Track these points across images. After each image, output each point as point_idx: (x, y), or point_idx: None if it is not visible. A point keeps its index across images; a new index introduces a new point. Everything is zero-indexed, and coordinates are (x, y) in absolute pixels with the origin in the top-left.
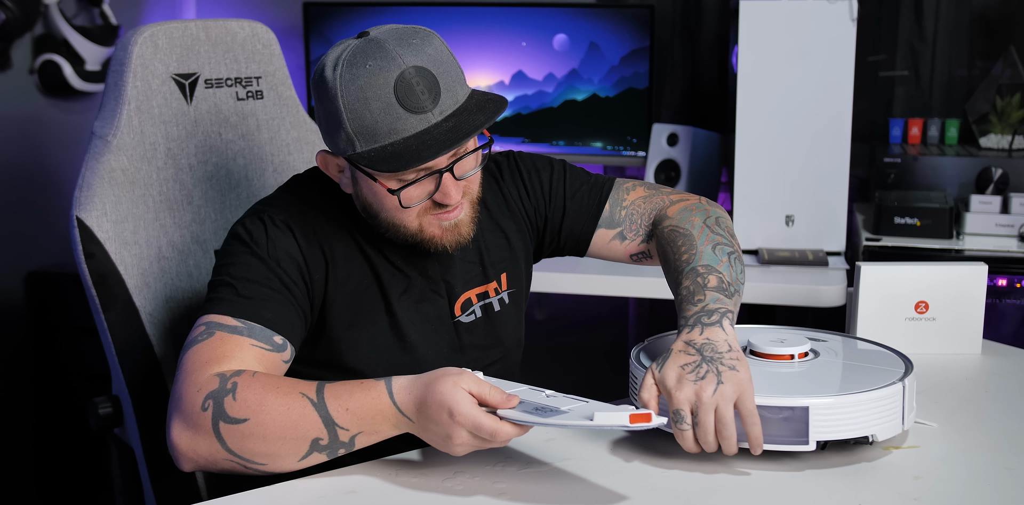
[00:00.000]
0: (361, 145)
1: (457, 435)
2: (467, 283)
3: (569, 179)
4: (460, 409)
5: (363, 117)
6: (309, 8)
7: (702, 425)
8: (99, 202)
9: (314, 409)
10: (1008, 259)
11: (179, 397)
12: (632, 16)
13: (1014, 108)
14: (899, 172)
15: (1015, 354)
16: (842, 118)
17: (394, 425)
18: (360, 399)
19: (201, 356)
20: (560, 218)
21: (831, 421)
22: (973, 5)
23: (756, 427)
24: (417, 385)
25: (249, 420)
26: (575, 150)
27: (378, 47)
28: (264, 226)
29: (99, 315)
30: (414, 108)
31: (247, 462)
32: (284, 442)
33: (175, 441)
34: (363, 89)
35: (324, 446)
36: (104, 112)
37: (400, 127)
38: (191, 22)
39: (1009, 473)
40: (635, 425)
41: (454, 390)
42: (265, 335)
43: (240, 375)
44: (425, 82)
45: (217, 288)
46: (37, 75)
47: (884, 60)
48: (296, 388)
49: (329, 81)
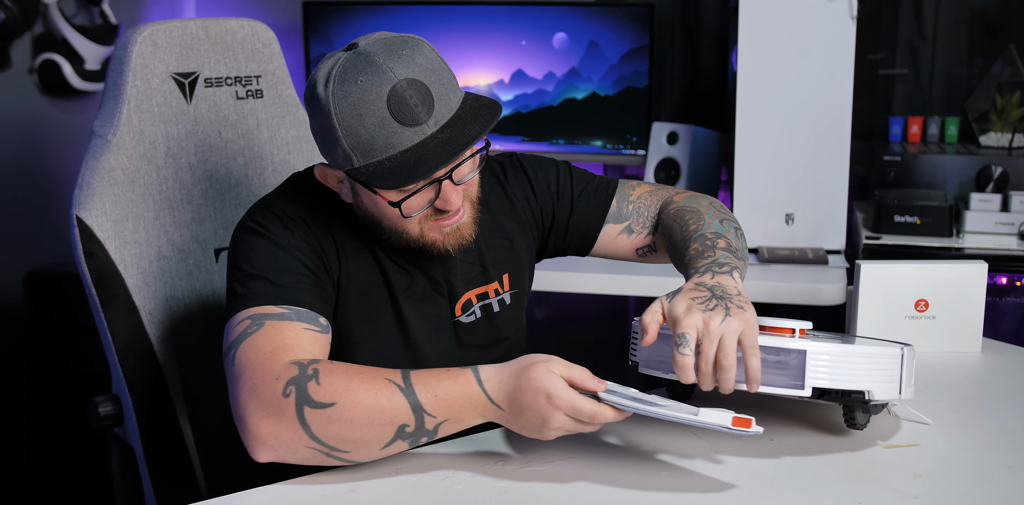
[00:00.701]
0: (358, 160)
1: (555, 419)
2: (467, 284)
3: (575, 178)
4: (558, 393)
5: (358, 133)
6: (309, 7)
7: (704, 354)
8: (99, 201)
9: (402, 395)
10: (1008, 257)
11: (254, 386)
12: (632, 15)
13: (1014, 106)
14: (899, 170)
15: (1015, 352)
16: (842, 116)
17: (480, 414)
18: (449, 386)
19: (262, 346)
20: (568, 215)
21: (828, 368)
22: (973, 3)
23: (756, 359)
24: (507, 374)
25: (336, 404)
26: (575, 149)
27: (368, 61)
28: (279, 219)
29: (99, 314)
30: (409, 121)
31: (331, 449)
32: (371, 427)
33: (255, 429)
34: (356, 105)
35: (409, 433)
36: (104, 111)
37: (396, 141)
38: (191, 21)
39: (1009, 471)
40: (735, 428)
41: (548, 375)
42: (312, 317)
43: (319, 362)
44: (418, 94)
45: (245, 282)
46: (37, 74)
47: (884, 58)
48: (380, 374)
49: (322, 98)
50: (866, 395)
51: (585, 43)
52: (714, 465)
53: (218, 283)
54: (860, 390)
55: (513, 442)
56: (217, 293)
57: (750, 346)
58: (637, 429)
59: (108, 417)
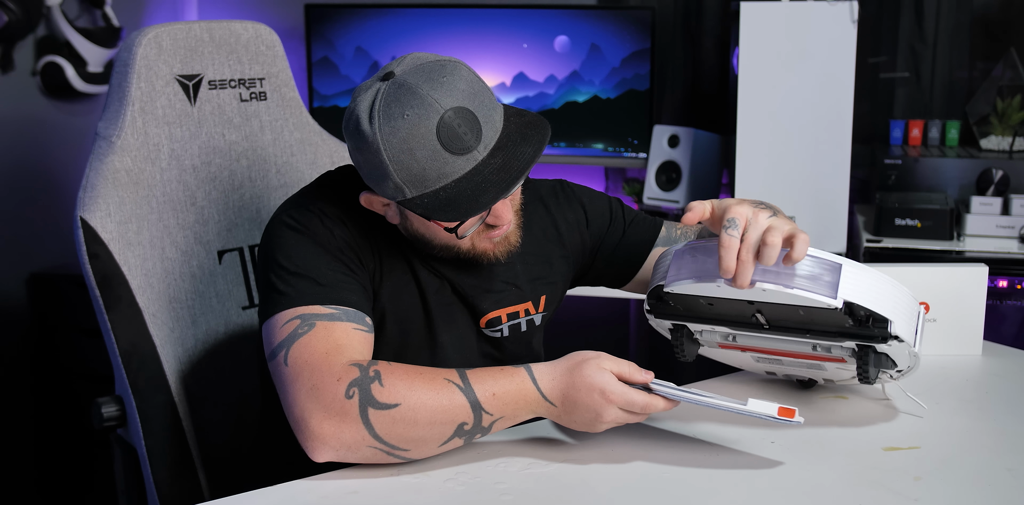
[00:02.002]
0: (411, 192)
1: (608, 413)
2: (498, 301)
3: (626, 208)
4: (612, 388)
5: (410, 167)
6: (311, 10)
7: (747, 240)
8: (103, 203)
9: (463, 394)
10: (1009, 260)
11: (314, 388)
12: (633, 18)
13: (1014, 110)
14: (900, 173)
15: (1016, 355)
16: (843, 120)
17: (532, 410)
18: (506, 385)
19: (317, 348)
20: (619, 239)
21: (860, 286)
22: (973, 7)
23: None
24: (559, 372)
25: (400, 405)
26: (576, 152)
27: (411, 93)
28: (318, 217)
29: (102, 315)
30: (460, 150)
31: (392, 448)
32: (433, 427)
33: (316, 430)
34: (406, 140)
35: (467, 431)
36: (108, 113)
37: (449, 171)
38: (195, 23)
39: (1010, 474)
40: (782, 417)
41: (600, 372)
42: (359, 317)
43: (378, 364)
44: (466, 122)
45: (288, 281)
46: (39, 77)
47: (885, 62)
48: (439, 374)
49: (368, 135)
50: (889, 326)
51: (586, 46)
52: (714, 469)
53: (221, 285)
54: (885, 317)
55: (514, 444)
56: (220, 295)
57: (799, 233)
58: (638, 429)
59: (111, 418)
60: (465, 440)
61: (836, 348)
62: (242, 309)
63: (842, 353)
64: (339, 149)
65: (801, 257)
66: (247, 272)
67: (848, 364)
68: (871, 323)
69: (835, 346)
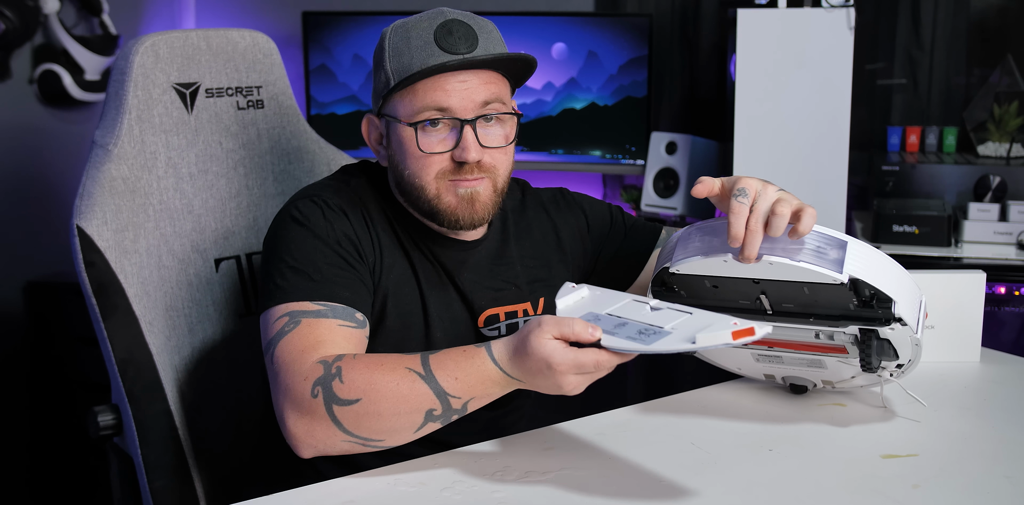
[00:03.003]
0: (395, 81)
1: (565, 382)
2: (497, 299)
3: (627, 215)
4: (556, 359)
5: (402, 54)
6: (308, 17)
7: (756, 210)
8: (99, 211)
9: (424, 382)
10: (1006, 267)
11: (287, 387)
12: (630, 25)
13: (1012, 116)
14: (897, 180)
15: (1014, 362)
16: (840, 126)
17: (504, 387)
18: (467, 368)
19: (295, 346)
20: (620, 243)
21: (866, 263)
22: (971, 13)
23: (811, 218)
24: (512, 348)
25: (362, 399)
26: (574, 158)
27: (437, 10)
28: (320, 209)
29: (99, 324)
30: (449, 48)
31: (366, 441)
32: (399, 417)
33: (292, 430)
34: (408, 30)
35: (438, 416)
36: (105, 121)
37: (431, 62)
38: (192, 32)
39: (1008, 481)
40: (738, 341)
41: (542, 344)
42: (348, 313)
43: (342, 359)
44: (464, 31)
45: (284, 274)
46: (37, 85)
47: (882, 68)
48: (400, 363)
49: (384, 33)
50: (893, 307)
51: (584, 53)
52: (713, 475)
53: (218, 293)
54: (889, 297)
55: (512, 453)
56: (217, 303)
57: (807, 207)
58: (636, 438)
59: (108, 427)
60: (443, 422)
61: (839, 335)
62: (239, 317)
63: (844, 340)
64: (337, 157)
65: (808, 230)
66: (244, 280)
67: (850, 357)
68: (875, 303)
69: (838, 332)
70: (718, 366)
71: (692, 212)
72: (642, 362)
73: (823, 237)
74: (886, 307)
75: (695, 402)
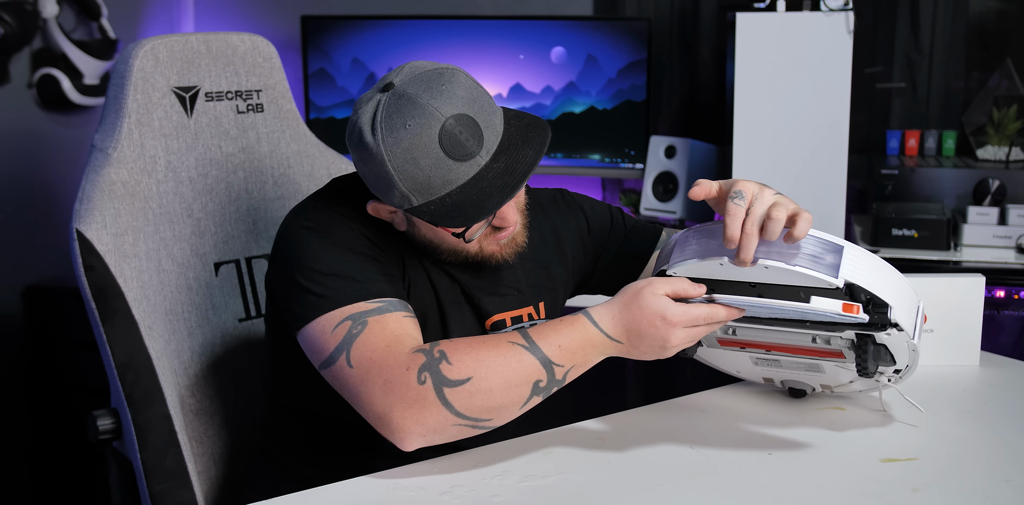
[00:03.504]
0: (417, 199)
1: (673, 337)
2: (502, 305)
3: (626, 216)
4: (672, 312)
5: (415, 176)
6: (307, 21)
7: (752, 213)
8: (99, 215)
9: (529, 352)
10: (1006, 270)
11: (387, 383)
12: (629, 29)
13: (1011, 120)
14: (896, 184)
15: (1013, 366)
16: (839, 130)
17: (601, 353)
18: (568, 334)
19: (376, 343)
20: (620, 244)
21: (862, 268)
22: (970, 17)
23: (806, 223)
24: (617, 309)
25: (472, 378)
26: (573, 162)
27: (411, 103)
28: (331, 215)
29: (98, 328)
30: (462, 157)
31: (476, 421)
32: (509, 390)
33: (401, 422)
34: (409, 150)
35: (543, 388)
36: (105, 125)
37: (453, 177)
38: (192, 35)
39: (1008, 485)
40: (846, 314)
41: (656, 299)
42: (402, 305)
43: (439, 344)
44: (467, 129)
45: (322, 283)
46: (35, 89)
47: (881, 72)
48: (501, 338)
49: (372, 147)
50: (889, 312)
51: (583, 57)
52: (712, 480)
53: (218, 297)
54: (885, 302)
55: (512, 457)
56: (217, 307)
57: (802, 212)
58: (636, 442)
59: (107, 431)
60: (543, 395)
61: (835, 339)
62: (239, 321)
63: (841, 345)
64: (336, 161)
65: (803, 235)
66: (244, 284)
67: (847, 361)
68: (871, 308)
69: (834, 336)
70: (717, 369)
71: (691, 216)
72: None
73: (819, 241)
74: (882, 312)
75: (694, 406)
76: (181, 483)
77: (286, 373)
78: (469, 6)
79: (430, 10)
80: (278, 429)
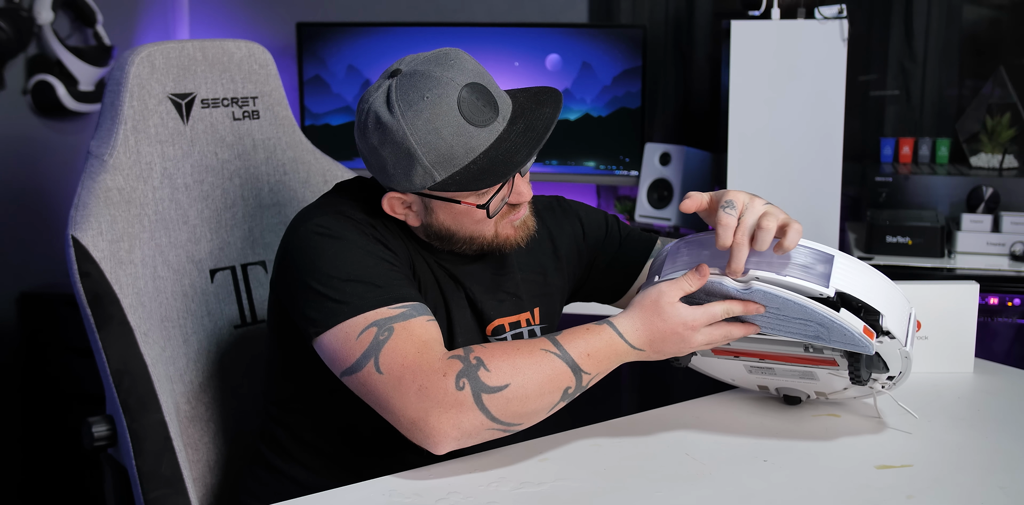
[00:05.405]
0: (441, 173)
1: (696, 339)
2: (500, 310)
3: (622, 224)
4: (692, 318)
5: (438, 146)
6: (302, 28)
7: (743, 223)
8: (95, 221)
9: (561, 360)
10: (999, 278)
11: (422, 388)
12: (624, 36)
13: (1004, 127)
14: (890, 191)
15: (1007, 373)
16: (834, 137)
17: (622, 360)
18: (596, 344)
19: (406, 350)
20: (614, 251)
21: (853, 277)
22: (963, 25)
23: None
24: (640, 322)
25: (510, 385)
26: (568, 169)
27: (424, 77)
28: (348, 221)
29: (93, 334)
30: (482, 122)
31: (508, 426)
32: (543, 397)
33: (438, 427)
34: (431, 121)
35: (570, 394)
36: (100, 131)
37: (475, 144)
38: (188, 42)
39: (1003, 492)
40: (863, 337)
41: (673, 308)
42: (424, 309)
43: (473, 350)
44: (482, 96)
45: (340, 289)
46: (30, 95)
47: (875, 80)
48: (534, 345)
49: (392, 125)
50: (880, 320)
51: (578, 64)
52: (707, 487)
53: (213, 304)
54: (877, 310)
55: (508, 463)
56: (213, 314)
57: (792, 223)
58: (631, 448)
59: (102, 438)
60: (567, 402)
61: (827, 348)
62: (234, 328)
63: (834, 354)
64: (332, 167)
65: (793, 245)
66: (239, 291)
67: (840, 368)
68: (862, 317)
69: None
70: (712, 377)
71: (686, 223)
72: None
73: (809, 251)
74: (874, 320)
75: (689, 413)
76: (176, 490)
77: (291, 380)
78: (464, 13)
79: (425, 17)
80: (275, 436)
